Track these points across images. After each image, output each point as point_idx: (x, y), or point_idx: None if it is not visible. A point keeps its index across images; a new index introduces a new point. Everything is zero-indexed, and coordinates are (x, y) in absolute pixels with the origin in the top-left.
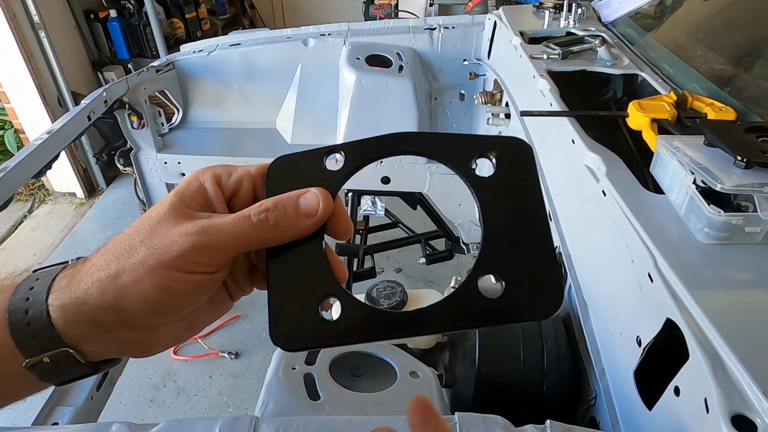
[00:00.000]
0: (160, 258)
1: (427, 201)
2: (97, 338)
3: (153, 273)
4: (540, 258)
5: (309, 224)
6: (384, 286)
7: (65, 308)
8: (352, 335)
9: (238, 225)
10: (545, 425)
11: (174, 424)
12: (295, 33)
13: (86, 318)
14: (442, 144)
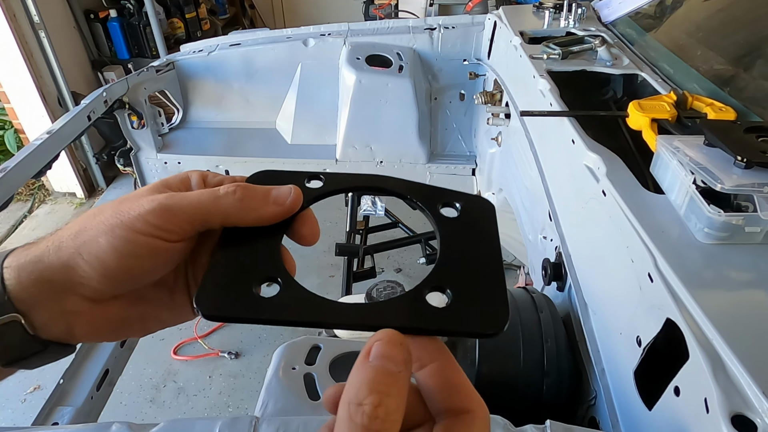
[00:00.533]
0: (120, 218)
1: None
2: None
3: (110, 231)
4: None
5: (274, 211)
6: (384, 286)
7: (19, 267)
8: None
9: (203, 195)
10: (545, 425)
11: (174, 424)
12: (295, 33)
13: (38, 277)
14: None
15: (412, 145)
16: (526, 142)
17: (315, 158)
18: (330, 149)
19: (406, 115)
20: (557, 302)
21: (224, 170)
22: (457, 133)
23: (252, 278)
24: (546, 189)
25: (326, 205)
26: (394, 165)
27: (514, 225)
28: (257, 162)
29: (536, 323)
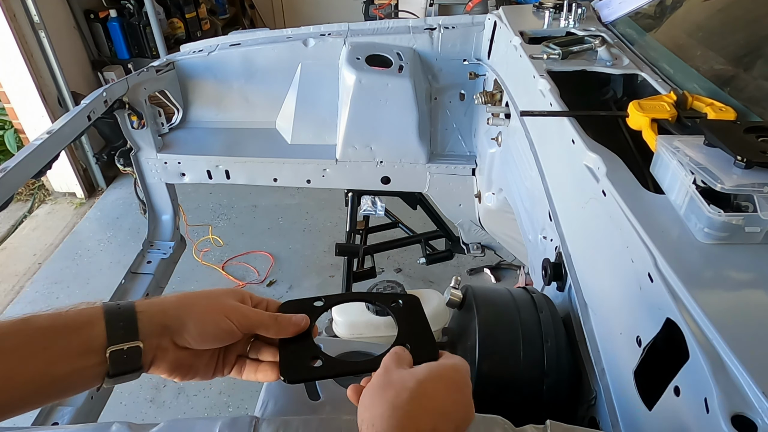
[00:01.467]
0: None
1: (427, 201)
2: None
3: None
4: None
5: (295, 330)
6: (384, 286)
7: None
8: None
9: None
10: (545, 425)
11: (174, 424)
12: (295, 33)
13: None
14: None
15: (412, 145)
16: (526, 142)
17: (315, 158)
18: (330, 149)
19: (406, 115)
20: (557, 302)
21: (224, 170)
22: (457, 133)
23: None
24: (546, 189)
25: (326, 206)
26: (394, 165)
27: (514, 225)
28: (257, 162)
29: (536, 323)
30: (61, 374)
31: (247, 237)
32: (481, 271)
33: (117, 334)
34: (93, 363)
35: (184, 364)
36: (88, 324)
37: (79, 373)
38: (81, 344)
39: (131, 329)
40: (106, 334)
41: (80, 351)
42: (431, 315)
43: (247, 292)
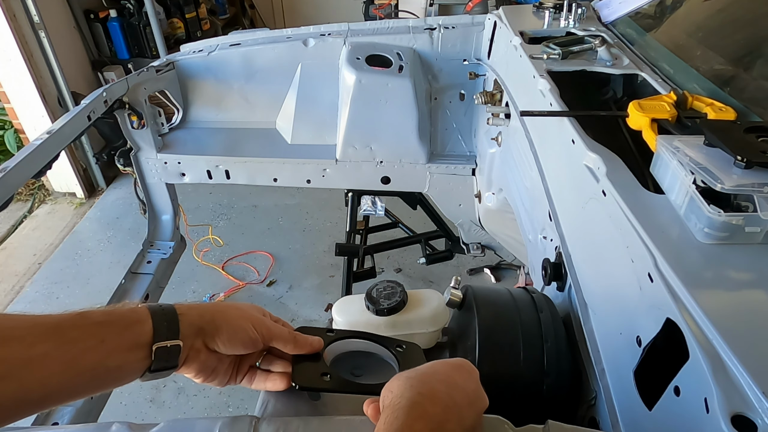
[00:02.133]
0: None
1: (427, 201)
2: (190, 340)
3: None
4: None
5: (311, 348)
6: (384, 286)
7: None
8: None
9: (284, 329)
10: (545, 425)
11: (174, 424)
12: (295, 33)
13: (198, 323)
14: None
15: (412, 145)
16: (526, 142)
17: (315, 158)
18: (330, 149)
19: (406, 115)
20: (557, 302)
21: (224, 170)
22: (457, 133)
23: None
24: (546, 189)
25: (326, 206)
26: (394, 165)
27: (514, 225)
28: (257, 162)
29: (536, 323)
30: (113, 366)
31: (247, 237)
32: (481, 271)
33: (162, 332)
34: (140, 357)
35: (210, 366)
36: (138, 322)
37: (127, 366)
38: (131, 339)
39: (174, 329)
40: (152, 332)
41: (131, 346)
42: (431, 315)
43: (266, 311)
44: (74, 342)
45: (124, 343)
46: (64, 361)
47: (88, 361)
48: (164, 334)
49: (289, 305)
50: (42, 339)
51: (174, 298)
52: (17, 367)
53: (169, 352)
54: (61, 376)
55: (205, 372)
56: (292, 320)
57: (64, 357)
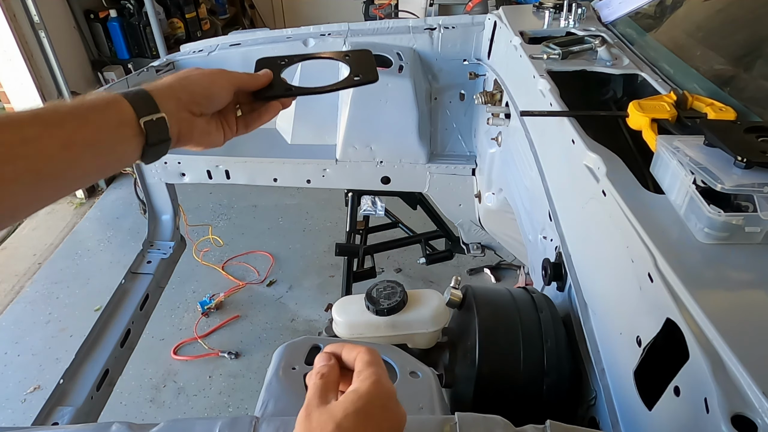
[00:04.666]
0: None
1: (427, 201)
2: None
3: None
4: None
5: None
6: (384, 286)
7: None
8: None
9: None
10: (545, 425)
11: (174, 424)
12: (295, 33)
13: (170, 94)
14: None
15: (412, 145)
16: (526, 142)
17: (315, 158)
18: (330, 149)
19: (406, 115)
20: (557, 302)
21: (224, 170)
22: (457, 133)
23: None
24: (546, 189)
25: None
26: (394, 165)
27: (514, 225)
28: (257, 162)
29: (536, 323)
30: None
31: (247, 237)
32: (481, 271)
33: (141, 108)
34: (131, 134)
35: (204, 131)
36: (113, 103)
37: (122, 144)
38: (115, 117)
39: (151, 104)
40: (132, 109)
41: (116, 123)
42: (431, 315)
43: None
44: (60, 124)
45: (108, 121)
46: (60, 139)
47: (83, 138)
48: (144, 110)
49: (289, 305)
50: (28, 124)
51: (174, 298)
52: (18, 146)
53: (157, 124)
54: (63, 153)
55: (203, 138)
56: (292, 320)
57: (57, 136)
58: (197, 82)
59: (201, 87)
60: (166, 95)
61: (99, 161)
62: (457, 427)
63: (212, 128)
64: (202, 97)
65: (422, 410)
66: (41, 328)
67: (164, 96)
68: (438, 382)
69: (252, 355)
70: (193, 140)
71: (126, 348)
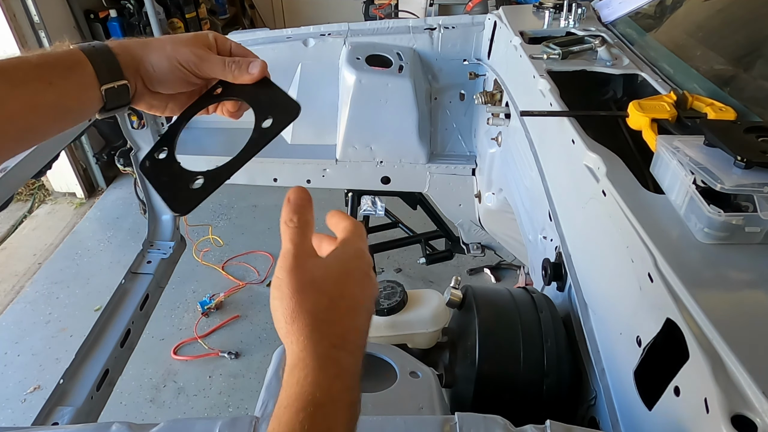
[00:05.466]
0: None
1: (427, 201)
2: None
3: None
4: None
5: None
6: (384, 286)
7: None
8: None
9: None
10: (545, 425)
11: (174, 424)
12: (295, 33)
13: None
14: None
15: (412, 145)
16: (526, 142)
17: (315, 158)
18: (330, 149)
19: (406, 115)
20: (557, 302)
21: None
22: (457, 133)
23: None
24: (546, 189)
25: (326, 206)
26: (394, 165)
27: (514, 225)
28: (257, 162)
29: (536, 323)
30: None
31: (247, 237)
32: (481, 271)
33: (105, 74)
34: (93, 98)
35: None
36: (78, 63)
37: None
38: (78, 81)
39: (116, 70)
40: (95, 75)
41: (79, 87)
42: (431, 315)
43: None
44: (24, 84)
45: (71, 85)
46: (23, 101)
47: (46, 101)
48: (107, 76)
49: None
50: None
51: (174, 298)
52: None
53: (118, 92)
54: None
55: (158, 108)
56: None
57: (21, 98)
58: (158, 65)
59: (160, 72)
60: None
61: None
62: (457, 427)
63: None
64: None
65: (422, 410)
66: (41, 328)
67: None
68: (438, 382)
69: (252, 355)
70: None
71: (126, 348)
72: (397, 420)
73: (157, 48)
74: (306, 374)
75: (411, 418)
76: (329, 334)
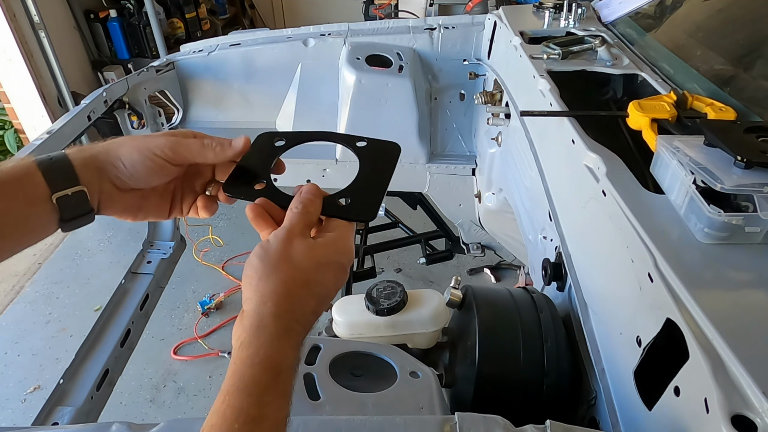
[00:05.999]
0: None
1: (427, 201)
2: (95, 184)
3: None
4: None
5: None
6: (384, 286)
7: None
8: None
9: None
10: (545, 425)
11: (174, 424)
12: (295, 33)
13: (94, 165)
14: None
15: (412, 145)
16: (526, 142)
17: (315, 158)
18: (330, 149)
19: (406, 115)
20: (557, 302)
21: None
22: (457, 133)
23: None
24: (546, 189)
25: None
26: None
27: (514, 225)
28: None
29: (536, 323)
30: (17, 221)
31: (247, 237)
32: (481, 271)
33: (57, 182)
34: (44, 210)
35: (132, 206)
36: (26, 176)
37: (34, 220)
38: (26, 195)
39: (70, 176)
40: (46, 184)
41: (27, 201)
42: (431, 315)
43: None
44: None
45: (19, 199)
46: None
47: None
48: (60, 184)
49: None
50: None
51: (174, 298)
52: None
53: (73, 198)
54: None
55: (130, 212)
56: None
57: None
58: (125, 155)
59: (129, 162)
60: (88, 164)
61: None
62: (457, 427)
63: (150, 204)
64: (128, 174)
65: (422, 410)
66: (41, 328)
67: (86, 164)
68: (438, 382)
69: None
70: (116, 214)
71: (126, 348)
72: (397, 420)
73: (126, 142)
74: (271, 341)
75: (411, 418)
76: (296, 309)
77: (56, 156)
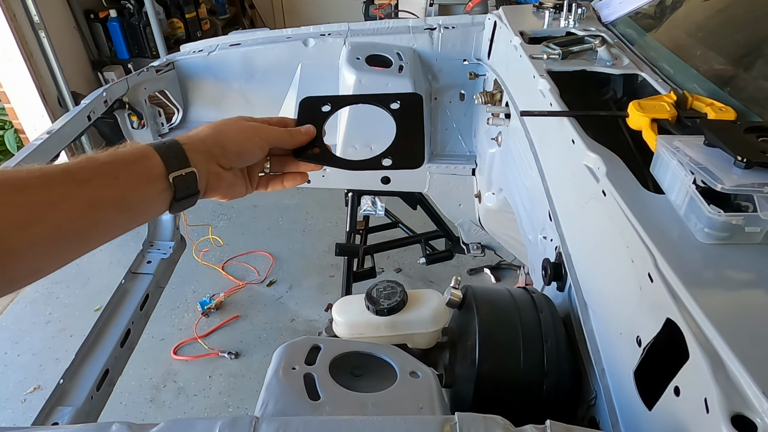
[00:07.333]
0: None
1: (427, 201)
2: (204, 166)
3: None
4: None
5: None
6: (384, 286)
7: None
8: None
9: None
10: (545, 425)
11: (174, 424)
12: (295, 33)
13: (204, 149)
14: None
15: None
16: (526, 142)
17: None
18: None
19: None
20: (557, 302)
21: None
22: (457, 133)
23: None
24: (546, 189)
25: (326, 206)
26: None
27: (514, 225)
28: None
29: (536, 323)
30: (136, 199)
31: (247, 237)
32: (481, 271)
33: (172, 163)
34: (160, 189)
35: (231, 183)
36: (144, 157)
37: (149, 198)
38: (145, 173)
39: (183, 158)
40: (163, 164)
41: (146, 179)
42: (431, 315)
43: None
44: (88, 182)
45: (138, 177)
46: (86, 200)
47: (109, 197)
48: (175, 165)
49: (289, 305)
50: (56, 183)
51: (174, 298)
52: (45, 206)
53: (186, 179)
54: (89, 213)
55: (231, 190)
56: (292, 320)
57: (84, 196)
58: (232, 137)
59: (235, 143)
60: (198, 149)
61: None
62: (457, 427)
63: (238, 180)
64: (234, 153)
65: (422, 410)
66: (41, 328)
67: (196, 149)
68: (438, 382)
69: (252, 355)
70: (220, 193)
71: (126, 348)
72: (397, 420)
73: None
74: None
75: (411, 418)
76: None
77: (169, 141)
